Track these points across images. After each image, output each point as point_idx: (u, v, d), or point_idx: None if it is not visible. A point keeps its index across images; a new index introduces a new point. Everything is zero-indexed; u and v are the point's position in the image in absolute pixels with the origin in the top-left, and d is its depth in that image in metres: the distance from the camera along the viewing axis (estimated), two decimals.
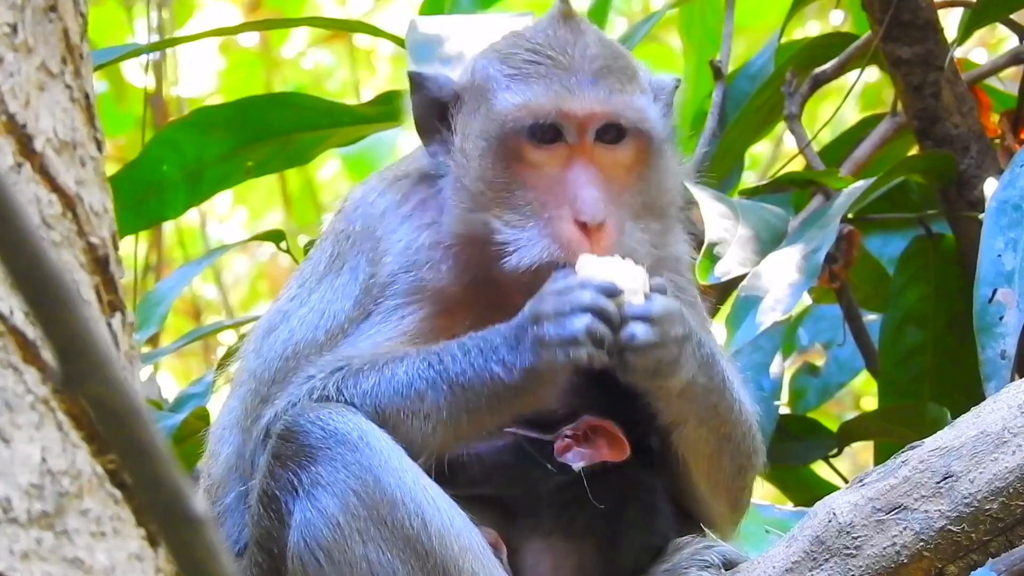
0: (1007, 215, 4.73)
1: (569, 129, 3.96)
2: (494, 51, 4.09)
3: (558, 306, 3.75)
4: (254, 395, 4.07)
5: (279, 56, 10.59)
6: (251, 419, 4.03)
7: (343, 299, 4.06)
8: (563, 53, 3.99)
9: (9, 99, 2.78)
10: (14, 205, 2.05)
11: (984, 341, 4.58)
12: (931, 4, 5.48)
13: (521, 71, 3.99)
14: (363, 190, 4.19)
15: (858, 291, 5.78)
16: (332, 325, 4.04)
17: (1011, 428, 3.71)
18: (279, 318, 4.14)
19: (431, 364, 3.84)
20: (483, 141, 3.98)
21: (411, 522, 3.72)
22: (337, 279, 4.09)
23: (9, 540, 2.58)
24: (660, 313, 3.75)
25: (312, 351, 4.01)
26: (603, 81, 3.98)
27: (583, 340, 3.71)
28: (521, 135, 3.96)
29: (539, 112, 3.95)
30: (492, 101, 3.99)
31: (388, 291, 4.00)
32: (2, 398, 2.64)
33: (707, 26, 6.46)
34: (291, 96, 5.79)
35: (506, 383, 3.77)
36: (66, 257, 2.78)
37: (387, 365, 3.86)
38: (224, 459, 4.11)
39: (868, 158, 5.87)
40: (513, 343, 3.78)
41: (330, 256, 4.14)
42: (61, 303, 2.07)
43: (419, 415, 3.82)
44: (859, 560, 3.72)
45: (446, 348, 3.85)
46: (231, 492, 4.06)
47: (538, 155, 3.97)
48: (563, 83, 3.96)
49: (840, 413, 8.03)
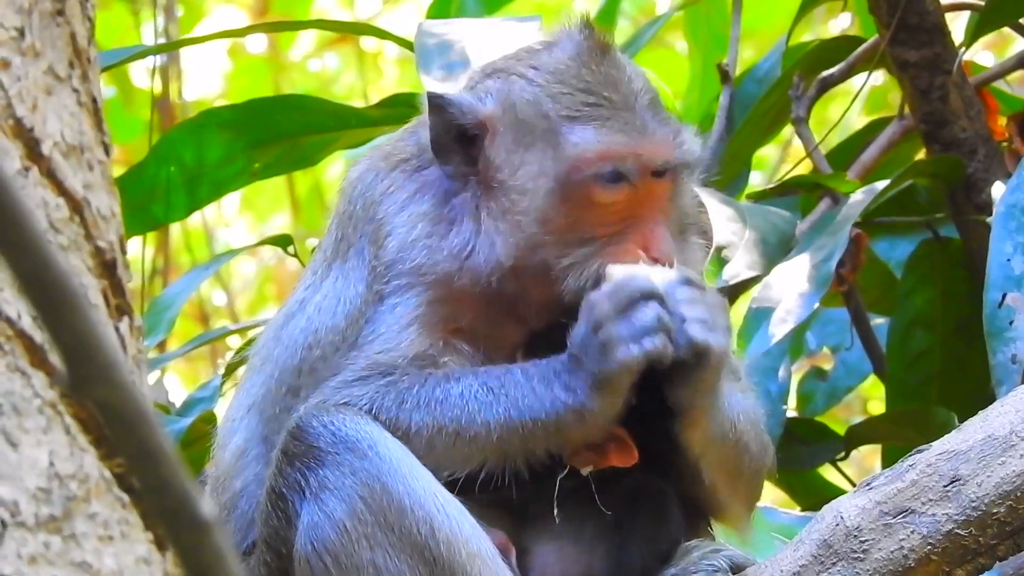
0: (1015, 219, 4.72)
1: (635, 171, 3.95)
2: (532, 84, 4.01)
3: (618, 304, 3.75)
4: (278, 383, 4.06)
5: (286, 60, 10.60)
6: (279, 407, 4.02)
7: (355, 283, 4.05)
8: (616, 91, 3.96)
9: (16, 103, 2.78)
10: (22, 209, 2.05)
11: (995, 346, 4.57)
12: (938, 7, 5.48)
13: (583, 113, 3.95)
14: (361, 170, 4.16)
15: (866, 295, 5.78)
16: (350, 309, 4.02)
17: (1018, 432, 3.70)
18: (296, 307, 4.13)
19: (491, 389, 3.84)
20: (548, 182, 3.94)
21: (419, 528, 3.72)
22: (346, 263, 4.09)
23: (17, 544, 2.58)
24: (697, 278, 3.85)
25: (334, 335, 4.00)
26: (662, 119, 3.98)
27: (658, 327, 3.73)
28: (592, 179, 3.94)
29: (617, 156, 3.92)
30: (558, 142, 3.94)
31: (392, 272, 3.99)
32: (10, 402, 2.64)
33: (713, 29, 6.46)
34: (298, 98, 5.78)
35: (571, 406, 3.78)
36: (73, 261, 2.79)
37: (439, 386, 3.86)
38: (234, 446, 4.10)
39: (875, 161, 5.87)
40: (573, 366, 3.79)
41: (336, 240, 4.13)
42: (68, 307, 2.07)
43: (466, 442, 3.82)
44: (866, 564, 3.72)
45: (507, 371, 3.86)
46: (239, 477, 4.06)
47: (605, 196, 3.94)
48: (632, 125, 3.94)
49: (848, 417, 8.02)
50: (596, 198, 3.93)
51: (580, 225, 3.94)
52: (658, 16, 6.56)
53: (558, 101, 3.96)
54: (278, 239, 5.79)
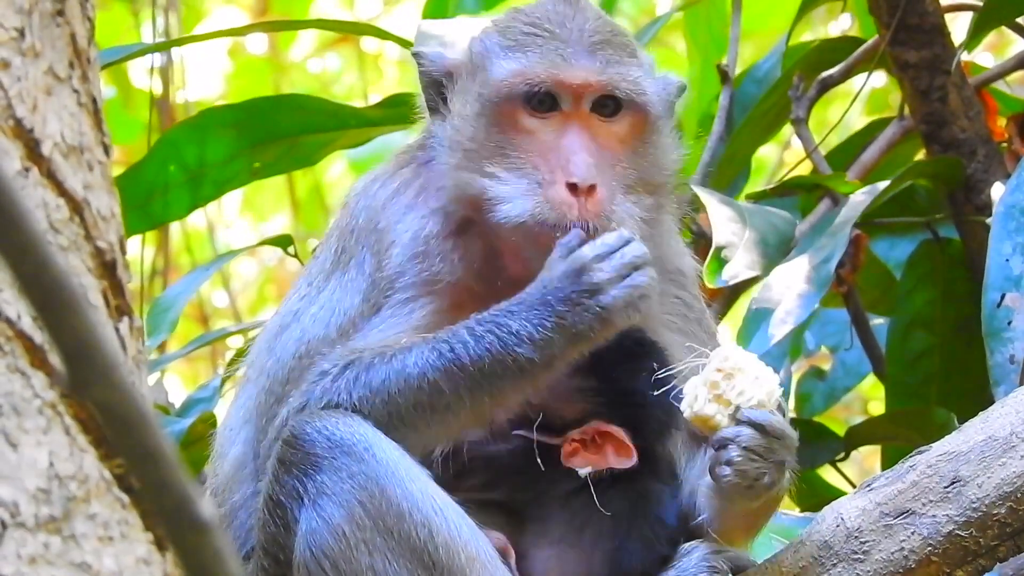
0: (1014, 219, 4.73)
1: (565, 98, 4.00)
2: (493, 25, 4.15)
3: (601, 254, 3.79)
4: (268, 394, 4.06)
5: (286, 60, 10.59)
6: (265, 418, 4.02)
7: (352, 295, 4.06)
8: (561, 26, 4.04)
9: (16, 103, 2.78)
10: (21, 209, 2.05)
11: (993, 346, 4.57)
12: (938, 8, 5.48)
13: (518, 42, 4.05)
14: (364, 182, 4.21)
15: (865, 295, 5.78)
16: (343, 321, 4.04)
17: (1019, 433, 3.71)
18: (290, 317, 4.14)
19: (441, 353, 3.84)
20: (478, 104, 4.02)
21: (418, 532, 3.71)
22: (345, 275, 4.10)
23: (17, 544, 2.58)
24: (777, 428, 3.75)
25: (325, 347, 4.00)
26: (600, 53, 4.02)
27: (649, 290, 3.78)
28: (516, 102, 4.00)
29: (534, 79, 3.98)
30: (489, 69, 4.03)
31: (397, 283, 4.01)
32: (10, 402, 2.64)
33: (712, 29, 6.46)
34: (298, 98, 5.78)
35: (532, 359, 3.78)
36: (73, 261, 2.78)
37: (396, 357, 3.86)
38: (232, 458, 4.11)
39: (875, 162, 5.87)
40: (540, 312, 3.79)
41: (336, 252, 4.14)
42: (68, 307, 2.07)
43: (437, 408, 3.82)
44: (867, 565, 3.72)
45: (455, 334, 3.84)
46: (238, 491, 4.07)
47: (533, 122, 4.00)
48: (560, 53, 4.01)
49: (847, 417, 8.02)
50: (522, 122, 4.00)
51: (508, 148, 3.98)
52: (658, 17, 6.56)
53: (503, 35, 4.07)
54: (278, 240, 5.79)
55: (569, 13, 4.06)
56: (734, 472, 3.72)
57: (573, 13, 4.06)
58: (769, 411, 3.75)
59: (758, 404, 3.74)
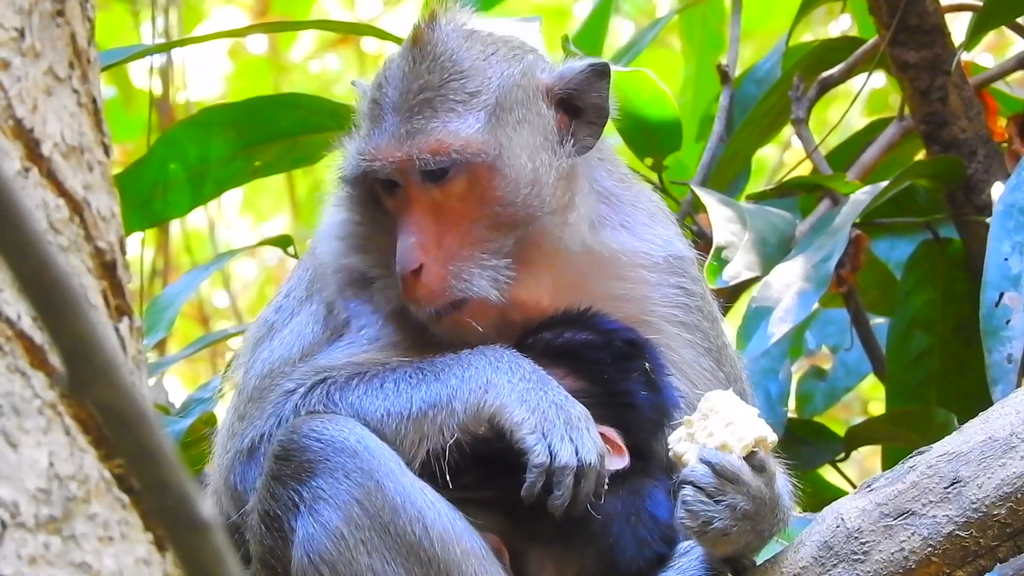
0: (1014, 219, 4.73)
1: (394, 176, 3.95)
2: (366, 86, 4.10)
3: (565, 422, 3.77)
4: (233, 411, 4.11)
5: (287, 60, 10.59)
6: (229, 434, 4.05)
7: (315, 326, 4.11)
8: (388, 90, 3.96)
9: (16, 104, 2.78)
10: (21, 209, 2.05)
11: (991, 345, 4.57)
12: (938, 8, 5.48)
13: (364, 113, 4.02)
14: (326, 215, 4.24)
15: (865, 295, 5.78)
16: (306, 344, 4.08)
17: (1019, 433, 3.70)
18: (264, 330, 4.19)
19: (420, 369, 3.85)
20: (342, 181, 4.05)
21: (412, 527, 3.71)
22: (311, 305, 4.15)
23: (17, 545, 2.58)
24: (729, 471, 3.68)
25: (287, 367, 4.04)
26: (410, 120, 3.92)
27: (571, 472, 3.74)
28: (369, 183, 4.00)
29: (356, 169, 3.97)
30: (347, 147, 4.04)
31: (348, 320, 4.06)
32: (9, 403, 2.64)
33: (709, 30, 6.46)
34: (298, 97, 5.78)
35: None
36: (73, 261, 2.79)
37: (374, 376, 3.87)
38: (214, 482, 4.14)
39: (875, 162, 5.87)
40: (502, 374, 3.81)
41: (310, 281, 4.20)
42: (68, 307, 2.07)
43: (408, 422, 3.82)
44: (867, 565, 3.72)
45: (435, 360, 3.87)
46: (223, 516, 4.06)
47: (389, 201, 3.99)
48: (379, 129, 3.96)
49: (847, 417, 8.02)
50: (383, 202, 3.99)
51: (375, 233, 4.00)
52: (658, 19, 6.56)
53: (364, 99, 4.04)
54: (278, 240, 5.79)
55: (406, 70, 3.96)
56: (686, 512, 3.69)
57: (410, 69, 3.96)
58: (733, 454, 3.70)
59: (721, 446, 3.72)
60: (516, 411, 3.76)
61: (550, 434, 3.73)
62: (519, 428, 3.74)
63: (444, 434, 3.79)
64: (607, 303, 4.04)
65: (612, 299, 4.06)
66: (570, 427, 3.75)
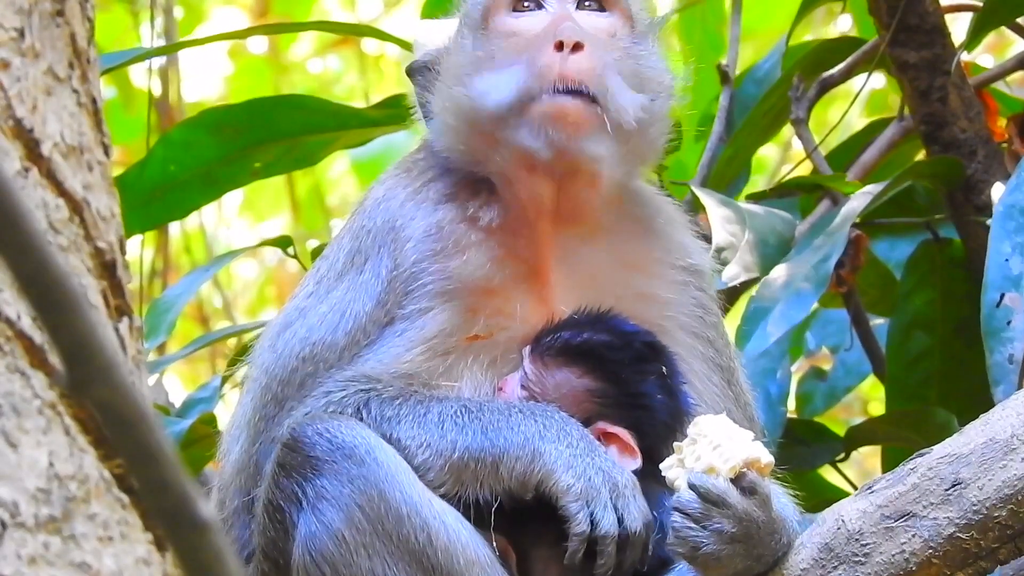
0: (1014, 219, 4.72)
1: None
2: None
3: (611, 489, 3.75)
4: (265, 392, 4.01)
5: (287, 61, 10.59)
6: (261, 418, 3.98)
7: (365, 298, 4.00)
8: None
9: (16, 104, 2.78)
10: (21, 209, 2.05)
11: (992, 345, 4.57)
12: (938, 8, 5.48)
13: None
14: (382, 186, 4.15)
15: (865, 295, 5.78)
16: (353, 326, 3.98)
17: (1020, 435, 3.70)
18: (296, 315, 4.06)
19: (467, 410, 3.83)
20: (466, 28, 4.03)
21: (417, 536, 3.70)
22: (359, 277, 4.03)
23: (16, 545, 2.58)
24: (714, 494, 3.66)
25: (331, 354, 3.96)
26: None
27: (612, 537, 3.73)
28: (500, 7, 4.00)
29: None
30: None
31: (413, 286, 3.95)
32: (9, 403, 2.63)
33: (708, 29, 6.46)
34: (298, 98, 5.79)
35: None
36: (73, 261, 2.78)
37: (419, 403, 3.84)
38: (234, 460, 4.07)
39: (875, 162, 5.87)
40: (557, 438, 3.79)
41: (350, 252, 4.07)
42: (68, 307, 2.07)
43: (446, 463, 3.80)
44: (868, 567, 3.72)
45: (492, 403, 3.85)
46: (238, 496, 4.04)
47: (517, 23, 4.00)
48: None
49: (847, 418, 8.02)
50: (507, 25, 3.99)
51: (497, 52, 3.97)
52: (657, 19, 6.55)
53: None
54: (278, 240, 5.79)
55: None
56: (675, 539, 3.69)
57: None
58: (720, 477, 3.69)
59: (708, 469, 3.71)
60: (563, 478, 3.74)
61: (594, 502, 3.72)
62: (564, 495, 3.74)
63: (483, 488, 3.78)
64: (628, 302, 4.03)
65: (633, 297, 4.06)
66: (616, 495, 3.74)
